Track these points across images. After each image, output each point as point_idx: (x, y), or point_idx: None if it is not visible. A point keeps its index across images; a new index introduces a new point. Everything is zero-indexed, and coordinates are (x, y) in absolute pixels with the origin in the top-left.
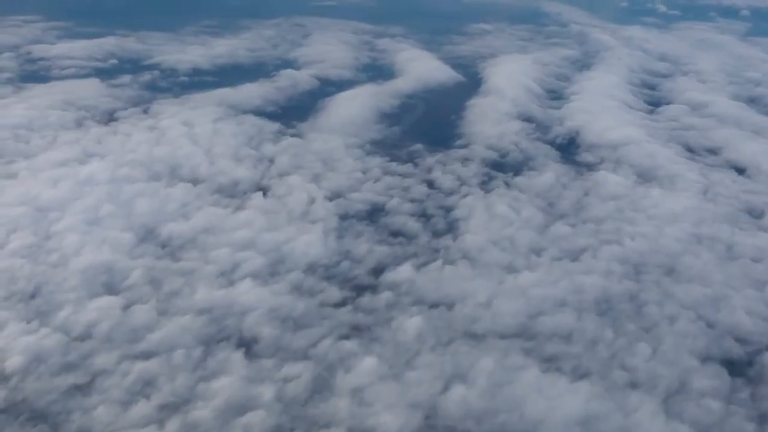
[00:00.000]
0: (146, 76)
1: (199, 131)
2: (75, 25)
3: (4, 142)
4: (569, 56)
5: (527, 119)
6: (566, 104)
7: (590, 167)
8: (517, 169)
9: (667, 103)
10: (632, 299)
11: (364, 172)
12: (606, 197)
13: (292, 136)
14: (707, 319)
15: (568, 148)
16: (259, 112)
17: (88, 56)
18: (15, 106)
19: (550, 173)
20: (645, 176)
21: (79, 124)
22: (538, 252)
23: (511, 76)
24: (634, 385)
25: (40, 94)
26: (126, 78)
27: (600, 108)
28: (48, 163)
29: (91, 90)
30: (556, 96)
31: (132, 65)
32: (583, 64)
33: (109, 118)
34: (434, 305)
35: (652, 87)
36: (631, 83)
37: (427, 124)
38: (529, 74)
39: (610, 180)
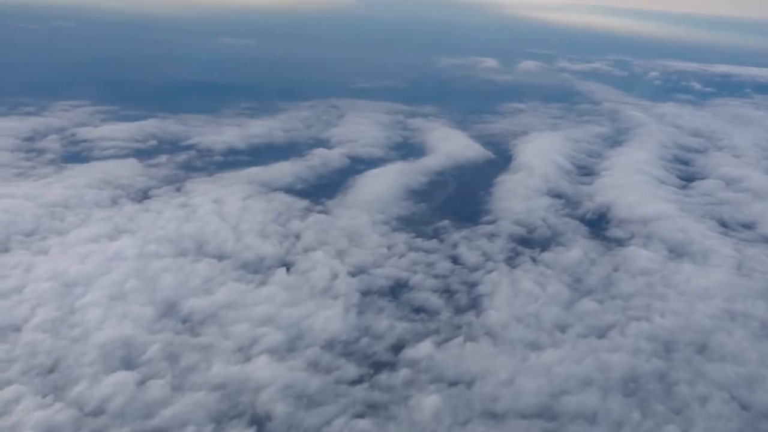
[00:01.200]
0: (182, 156)
1: (228, 208)
2: (120, 109)
3: (40, 219)
4: (601, 133)
5: (557, 195)
6: (597, 180)
7: (620, 242)
8: (545, 244)
9: (701, 178)
10: (661, 378)
11: (388, 248)
12: (636, 273)
13: (320, 212)
14: (741, 400)
15: (598, 224)
16: (288, 190)
17: (128, 137)
18: (54, 185)
19: (578, 249)
20: (676, 251)
21: (113, 202)
22: (563, 329)
23: (541, 153)
24: None
25: (79, 174)
26: (163, 158)
27: (631, 183)
28: (79, 240)
29: (128, 169)
30: (587, 172)
31: (170, 146)
32: (615, 140)
33: (143, 196)
34: (453, 383)
35: (685, 162)
36: (664, 159)
37: (455, 200)
38: (560, 151)
39: (640, 255)
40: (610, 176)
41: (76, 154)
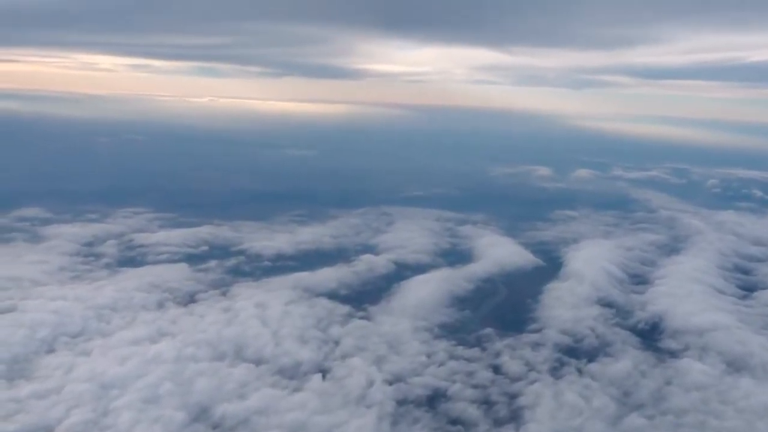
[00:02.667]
0: (232, 261)
1: (270, 313)
2: (178, 216)
3: (88, 321)
4: (656, 241)
5: (607, 304)
6: (650, 288)
7: (673, 354)
8: (592, 355)
9: (763, 288)
10: None
11: (428, 356)
12: (689, 387)
13: (361, 318)
14: None
15: (650, 334)
16: (332, 295)
17: (182, 243)
18: (106, 288)
19: (627, 360)
20: (735, 365)
21: (160, 305)
22: None
23: (592, 261)
24: None
25: (131, 278)
26: (213, 263)
27: (687, 292)
28: (122, 342)
29: (177, 274)
30: (639, 280)
31: (221, 251)
32: (671, 248)
33: (189, 299)
34: None
35: (745, 271)
36: (723, 267)
37: (500, 308)
38: (612, 259)
39: (694, 368)
40: (664, 285)
41: (131, 259)
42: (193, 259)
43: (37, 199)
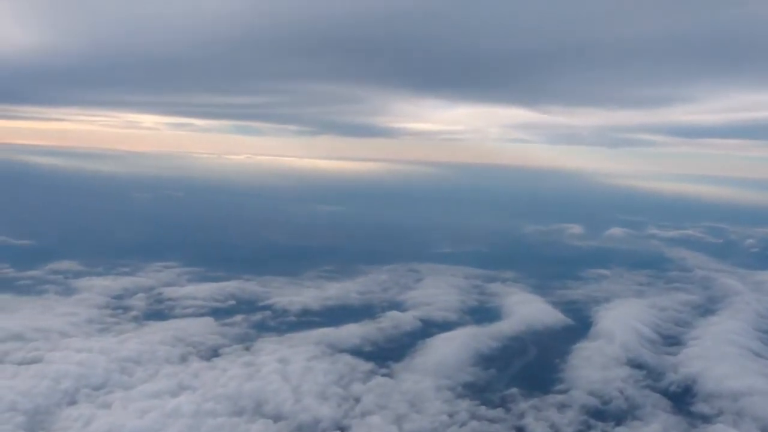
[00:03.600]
0: (257, 316)
1: (292, 368)
2: (208, 270)
3: (111, 373)
4: (691, 301)
5: (637, 365)
6: (683, 350)
7: (706, 419)
8: (620, 418)
9: None
10: None
11: (450, 416)
12: None
13: (384, 375)
14: None
15: (682, 398)
16: (355, 352)
17: (209, 297)
18: (130, 341)
19: (657, 424)
20: None
21: (183, 359)
22: None
23: (623, 320)
24: None
25: (156, 331)
26: (239, 317)
27: (721, 355)
28: (142, 395)
29: (202, 328)
30: (672, 342)
31: (247, 306)
32: (706, 309)
33: (212, 353)
34: None
35: None
36: (760, 329)
37: (526, 368)
38: (644, 319)
39: None
40: (698, 346)
41: (158, 312)
42: (219, 313)
43: (72, 252)
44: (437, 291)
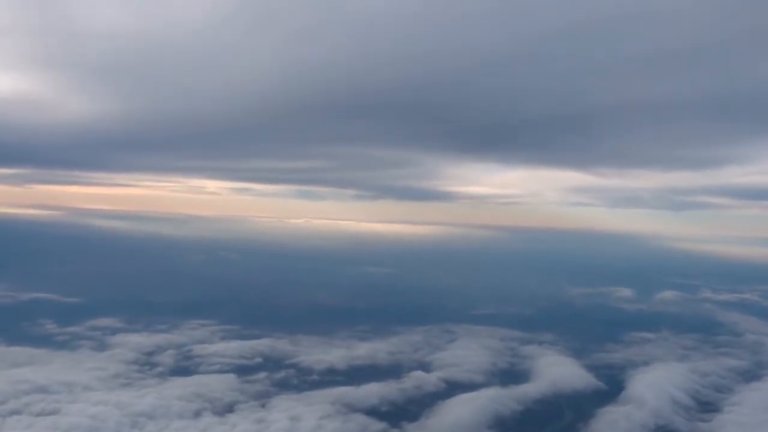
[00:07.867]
0: (281, 374)
1: (303, 426)
2: (242, 328)
3: (122, 427)
4: (737, 366)
5: None
6: (718, 416)
7: None
8: None
9: None
10: None
11: None
12: None
13: None
14: None
15: None
16: (371, 411)
17: (237, 355)
18: (149, 396)
19: None
20: None
21: (196, 414)
22: None
23: (657, 385)
24: None
25: (177, 386)
26: (262, 375)
27: (759, 422)
28: None
29: (223, 384)
30: (709, 408)
31: (273, 363)
32: (753, 374)
33: (227, 409)
34: None
35: None
36: None
37: (545, 431)
38: (681, 384)
39: None
40: (735, 413)
41: (184, 368)
42: (243, 370)
43: (114, 309)
44: (468, 352)
